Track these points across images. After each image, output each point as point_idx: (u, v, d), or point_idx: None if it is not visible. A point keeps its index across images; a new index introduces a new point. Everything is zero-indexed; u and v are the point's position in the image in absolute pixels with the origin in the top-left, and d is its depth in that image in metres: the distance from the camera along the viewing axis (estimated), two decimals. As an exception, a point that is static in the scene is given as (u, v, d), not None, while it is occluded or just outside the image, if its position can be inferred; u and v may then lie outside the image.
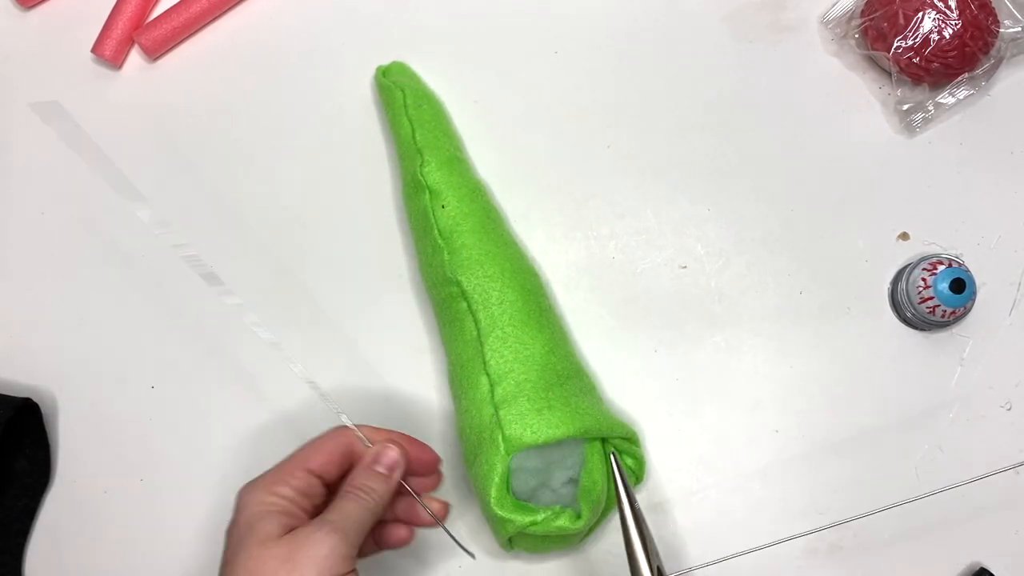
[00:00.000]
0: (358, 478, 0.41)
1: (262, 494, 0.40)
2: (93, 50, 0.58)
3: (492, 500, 0.44)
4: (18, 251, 0.56)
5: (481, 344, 0.48)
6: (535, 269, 0.53)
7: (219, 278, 0.44)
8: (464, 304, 0.49)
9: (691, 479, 0.52)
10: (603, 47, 0.58)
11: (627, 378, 0.53)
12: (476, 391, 0.47)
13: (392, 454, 0.42)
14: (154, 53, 0.58)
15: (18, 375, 0.54)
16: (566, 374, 0.48)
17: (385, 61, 0.58)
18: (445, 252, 0.50)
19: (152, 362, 0.54)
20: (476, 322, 0.48)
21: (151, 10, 0.59)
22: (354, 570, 0.38)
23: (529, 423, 0.45)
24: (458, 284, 0.49)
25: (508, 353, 0.47)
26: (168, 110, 0.58)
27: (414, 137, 0.53)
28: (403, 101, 0.54)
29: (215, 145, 0.57)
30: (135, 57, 0.59)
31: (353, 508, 0.40)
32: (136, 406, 0.53)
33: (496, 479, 0.44)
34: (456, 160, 0.53)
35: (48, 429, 0.53)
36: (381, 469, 0.42)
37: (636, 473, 0.50)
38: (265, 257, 0.55)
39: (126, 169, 0.57)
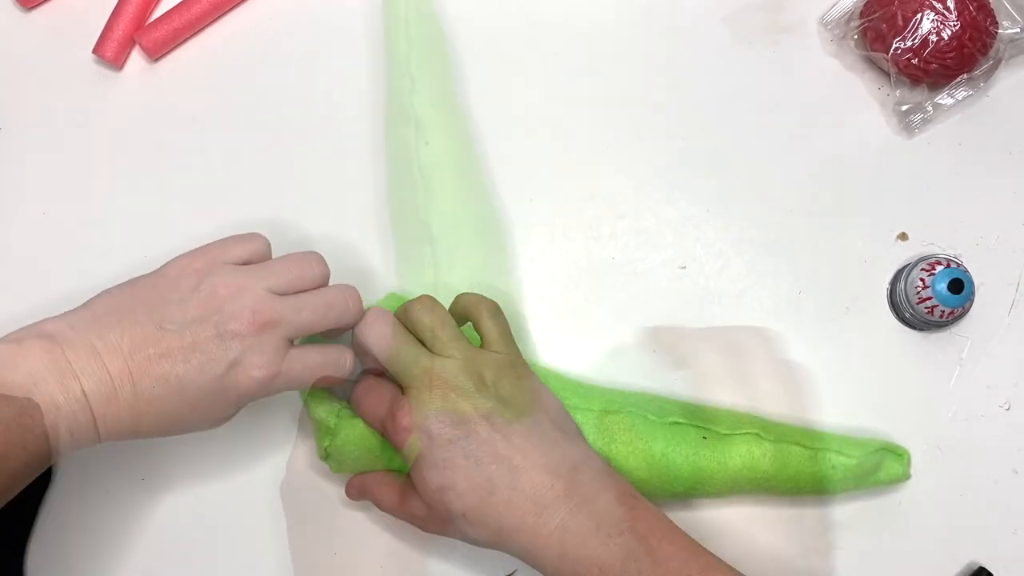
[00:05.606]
0: None
1: None
2: (94, 51, 0.58)
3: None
4: (18, 251, 0.56)
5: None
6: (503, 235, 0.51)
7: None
8: (428, 250, 0.47)
9: (691, 479, 0.52)
10: (603, 47, 0.58)
11: (627, 378, 0.53)
12: None
13: None
14: (155, 54, 0.58)
15: (19, 375, 0.54)
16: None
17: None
18: (421, 192, 0.48)
19: (152, 362, 0.54)
20: (435, 275, 0.47)
21: (152, 11, 0.59)
22: None
23: None
24: (427, 227, 0.47)
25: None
26: (169, 111, 0.58)
27: (409, 58, 0.49)
28: (404, 14, 0.50)
29: (216, 146, 0.57)
30: (136, 58, 0.59)
31: None
32: (136, 406, 0.53)
33: None
34: (450, 95, 0.49)
35: (48, 429, 0.53)
36: None
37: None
38: (265, 257, 0.55)
39: (127, 169, 0.57)
